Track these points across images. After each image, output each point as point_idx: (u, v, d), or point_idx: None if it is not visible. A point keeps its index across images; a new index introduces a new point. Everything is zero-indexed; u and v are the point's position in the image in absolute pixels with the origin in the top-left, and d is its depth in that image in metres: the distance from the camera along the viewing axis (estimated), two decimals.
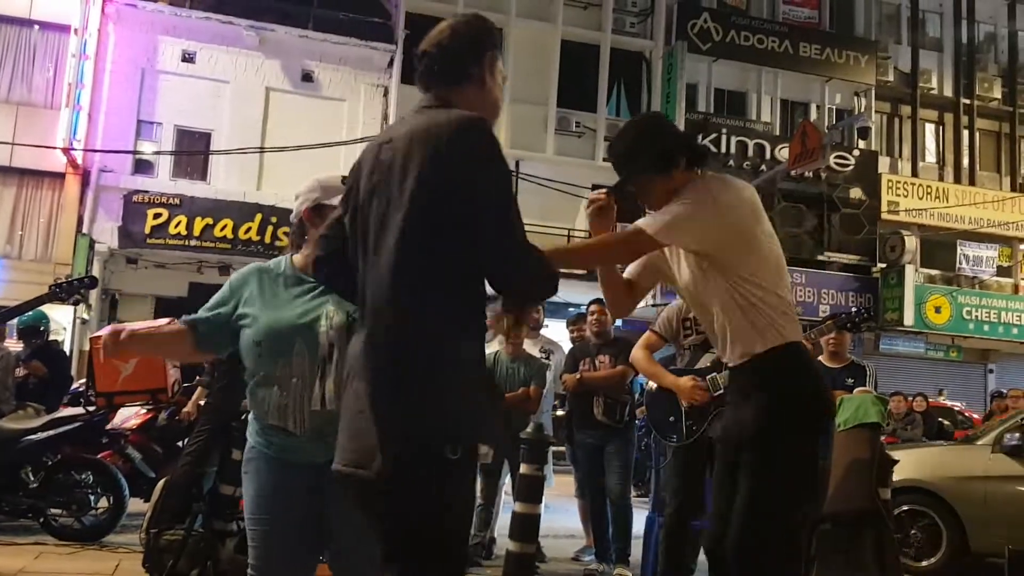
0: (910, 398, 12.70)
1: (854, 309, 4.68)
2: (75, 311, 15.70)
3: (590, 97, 20.37)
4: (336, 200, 2.76)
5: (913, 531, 6.93)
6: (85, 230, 16.69)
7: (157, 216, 16.89)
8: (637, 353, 4.67)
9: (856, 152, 21.59)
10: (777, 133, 21.64)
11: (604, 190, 2.78)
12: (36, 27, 17.48)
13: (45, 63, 17.49)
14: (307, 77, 18.55)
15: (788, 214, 21.12)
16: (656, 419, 4.68)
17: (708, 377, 4.40)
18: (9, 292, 14.28)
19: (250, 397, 2.68)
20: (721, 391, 4.26)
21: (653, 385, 4.82)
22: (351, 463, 2.11)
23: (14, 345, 7.99)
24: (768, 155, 20.73)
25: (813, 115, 21.84)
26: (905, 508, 6.93)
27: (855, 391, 5.47)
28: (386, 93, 18.85)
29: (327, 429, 2.57)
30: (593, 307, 6.31)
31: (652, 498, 4.77)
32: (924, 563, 6.87)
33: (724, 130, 20.82)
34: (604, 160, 18.96)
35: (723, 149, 20.53)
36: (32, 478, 6.45)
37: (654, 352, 4.68)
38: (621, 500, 6.10)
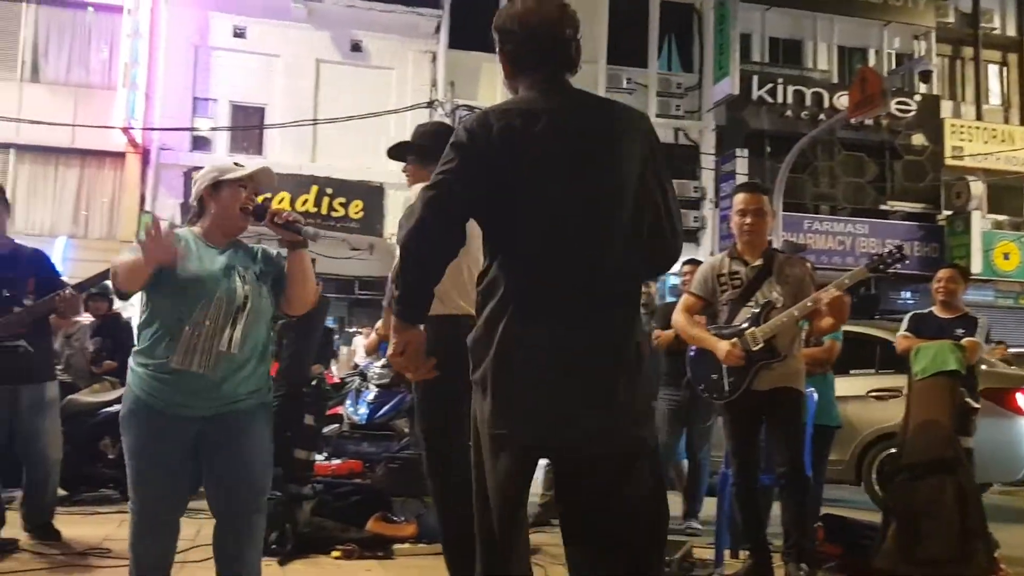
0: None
1: (887, 250, 4.43)
2: None
3: (641, 52, 20.05)
4: (230, 175, 3.13)
5: None
6: (148, 207, 16.97)
7: None
8: (678, 317, 4.61)
9: (917, 97, 21.02)
10: (835, 81, 21.12)
11: None
12: (90, 8, 17.73)
13: (100, 44, 17.76)
14: (356, 47, 18.57)
15: (849, 163, 20.67)
16: (700, 377, 4.61)
17: (741, 337, 4.32)
18: (76, 270, 14.50)
19: (153, 343, 2.97)
20: (759, 346, 4.26)
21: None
22: (604, 435, 2.17)
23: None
24: (826, 104, 20.21)
25: (872, 61, 21.25)
26: None
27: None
28: (434, 59, 18.77)
29: (230, 376, 2.97)
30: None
31: (726, 455, 4.69)
32: None
33: (780, 80, 20.33)
34: (658, 116, 18.72)
35: (779, 100, 20.09)
36: (112, 449, 6.59)
37: (694, 313, 4.62)
38: (698, 457, 6.37)
